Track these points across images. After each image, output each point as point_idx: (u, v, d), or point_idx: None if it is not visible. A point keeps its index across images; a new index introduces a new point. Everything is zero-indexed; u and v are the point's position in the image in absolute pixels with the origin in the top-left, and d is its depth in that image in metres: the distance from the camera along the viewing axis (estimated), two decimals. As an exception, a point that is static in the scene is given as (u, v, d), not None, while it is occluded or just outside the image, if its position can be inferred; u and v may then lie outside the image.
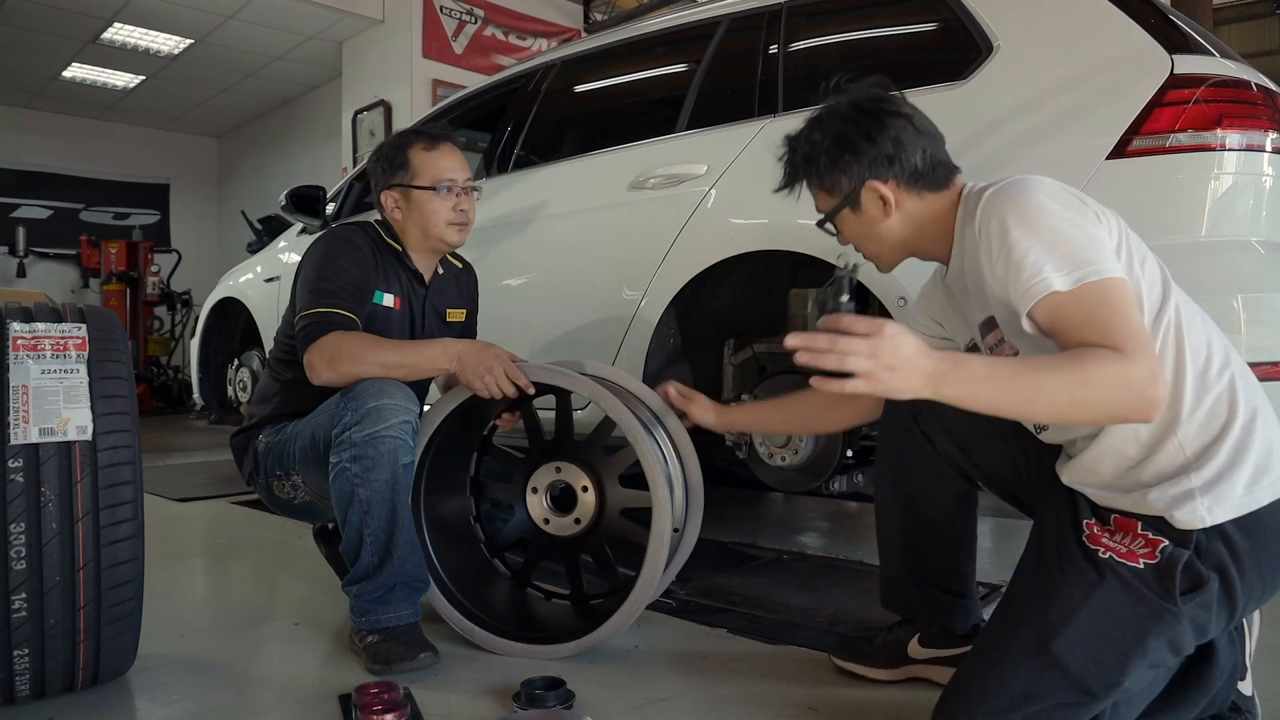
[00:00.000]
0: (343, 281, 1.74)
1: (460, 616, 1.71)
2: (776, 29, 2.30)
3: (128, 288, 8.19)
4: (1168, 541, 1.08)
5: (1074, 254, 1.07)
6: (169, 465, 4.50)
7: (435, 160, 1.84)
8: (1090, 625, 1.09)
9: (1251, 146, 1.68)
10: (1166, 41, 1.76)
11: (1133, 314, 1.06)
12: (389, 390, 1.59)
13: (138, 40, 7.02)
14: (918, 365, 1.01)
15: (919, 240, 1.32)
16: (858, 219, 1.32)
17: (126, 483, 1.31)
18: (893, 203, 1.28)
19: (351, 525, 1.59)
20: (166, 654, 1.67)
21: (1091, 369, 1.01)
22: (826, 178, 1.31)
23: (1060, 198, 1.13)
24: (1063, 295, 1.06)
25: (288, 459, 1.77)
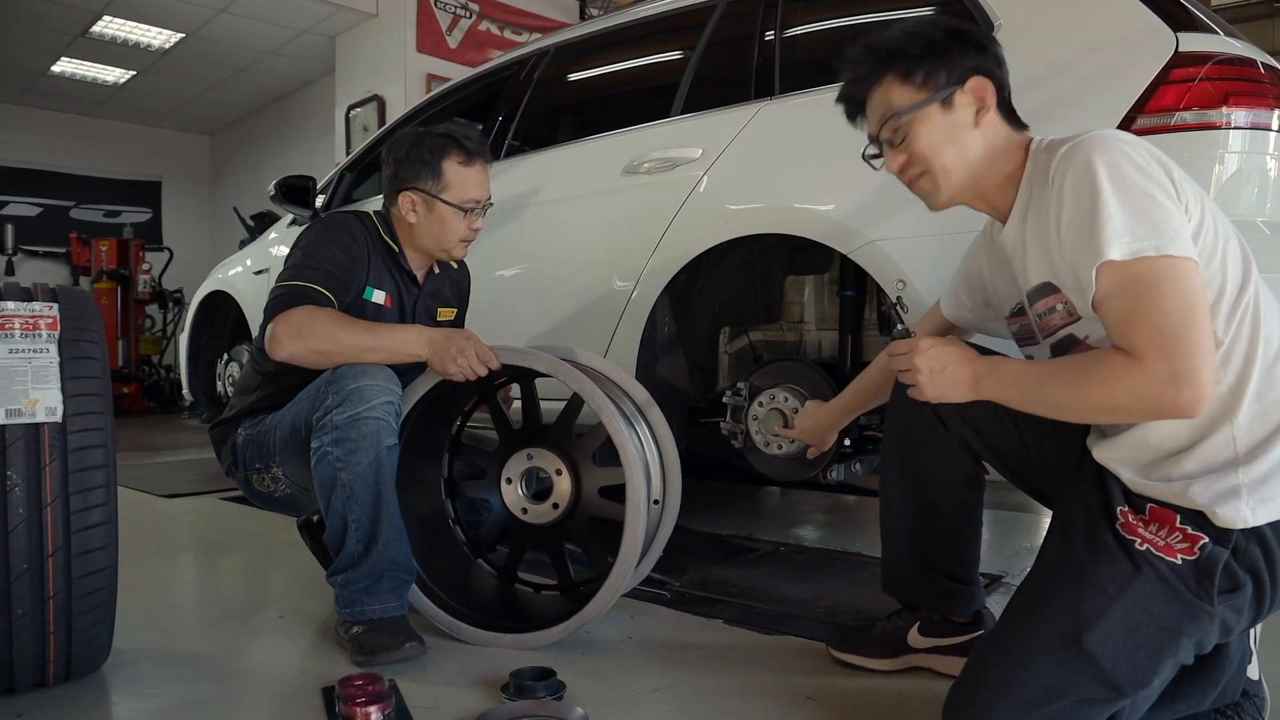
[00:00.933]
0: (328, 262, 1.68)
1: (444, 614, 1.66)
2: (773, 11, 2.26)
3: (119, 286, 8.12)
4: (1207, 539, 1.03)
5: (1136, 225, 1.01)
6: (157, 463, 4.44)
7: (470, 178, 1.78)
8: (1125, 620, 1.04)
9: (1257, 125, 1.64)
10: (1171, 19, 1.72)
11: (1175, 304, 0.98)
12: (370, 371, 1.54)
13: (128, 34, 6.95)
14: (956, 372, 1.15)
15: (987, 175, 1.21)
16: (944, 120, 1.19)
17: (98, 466, 1.26)
18: (990, 109, 1.19)
19: (335, 512, 1.54)
20: (145, 648, 1.62)
21: (1099, 379, 1.03)
22: (926, 63, 1.18)
23: (1142, 163, 1.05)
24: (1115, 266, 1.01)
25: (268, 451, 1.72)
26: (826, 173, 1.97)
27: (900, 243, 1.82)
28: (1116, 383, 1.00)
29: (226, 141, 9.89)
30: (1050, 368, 1.13)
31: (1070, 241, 1.07)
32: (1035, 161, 1.18)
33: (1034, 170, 1.17)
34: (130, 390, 7.85)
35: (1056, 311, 1.16)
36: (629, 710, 1.34)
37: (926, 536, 1.45)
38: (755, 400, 2.05)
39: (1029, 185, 1.18)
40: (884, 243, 1.84)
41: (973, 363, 1.15)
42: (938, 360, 1.15)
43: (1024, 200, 1.19)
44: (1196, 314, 0.99)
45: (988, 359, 1.16)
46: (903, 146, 1.22)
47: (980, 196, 1.24)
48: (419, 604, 1.67)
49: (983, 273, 1.38)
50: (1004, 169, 1.21)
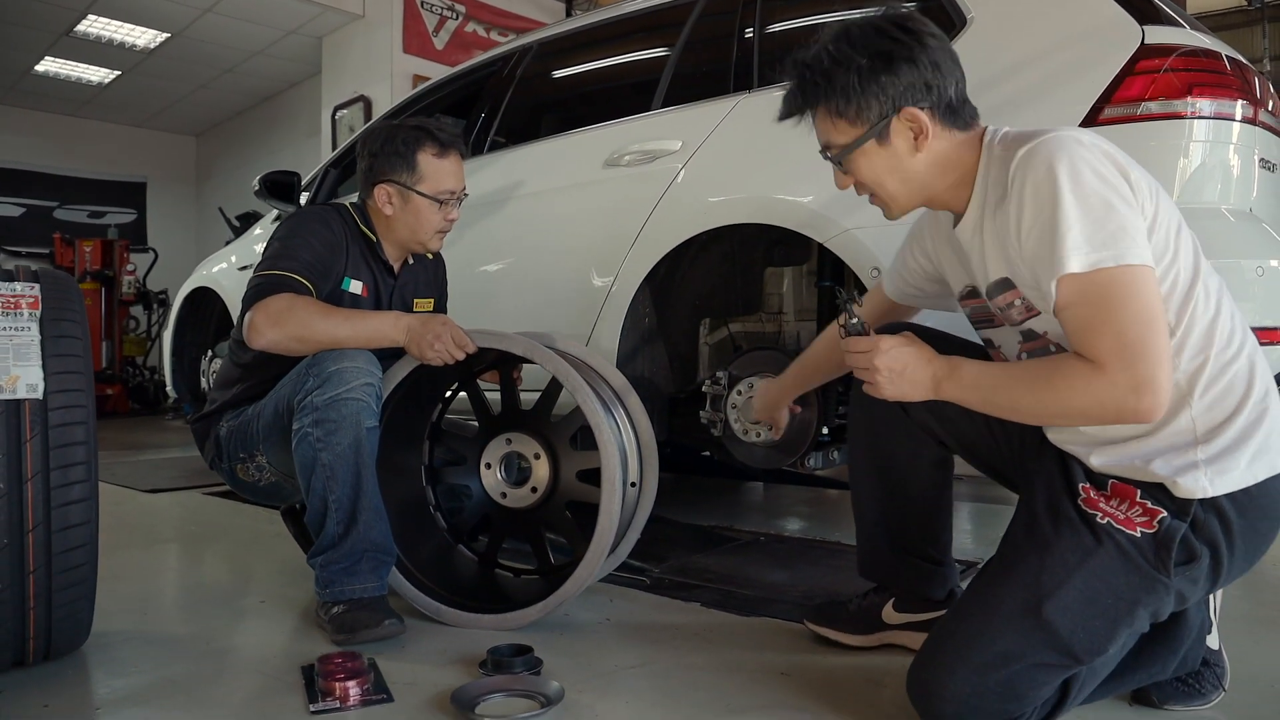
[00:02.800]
0: (305, 252, 1.70)
1: (425, 597, 1.68)
2: (752, 6, 2.29)
3: (103, 287, 8.08)
4: (1166, 513, 1.07)
5: (1095, 235, 1.01)
6: (141, 460, 4.43)
7: (444, 170, 1.79)
8: (1083, 590, 1.07)
9: (1221, 115, 1.68)
10: (1137, 12, 1.76)
11: (1135, 312, 1.00)
12: (350, 354, 1.56)
13: (112, 33, 6.94)
14: (915, 373, 1.15)
15: (940, 184, 1.20)
16: (882, 154, 1.18)
17: (79, 443, 1.27)
18: (927, 135, 1.15)
19: (315, 493, 1.55)
20: (126, 630, 1.63)
21: (1061, 389, 1.04)
22: (855, 101, 1.14)
23: (1100, 168, 1.04)
24: (1075, 278, 1.02)
25: (251, 439, 1.73)
26: (803, 164, 1.98)
27: (874, 231, 1.85)
28: (1079, 390, 1.02)
29: (212, 142, 9.87)
30: (1011, 372, 1.13)
31: (1030, 248, 1.07)
32: (990, 157, 1.16)
33: (990, 167, 1.16)
34: (114, 391, 7.81)
35: (1015, 306, 1.17)
36: (605, 686, 1.36)
37: (898, 519, 1.47)
38: (734, 389, 2.08)
39: (985, 183, 1.17)
40: (859, 231, 1.87)
41: (932, 363, 1.15)
42: (898, 361, 1.14)
43: (980, 198, 1.18)
44: (1155, 322, 1.01)
45: (948, 360, 1.15)
46: (847, 174, 1.23)
47: (933, 202, 1.24)
48: (399, 587, 1.69)
49: (931, 254, 1.37)
50: (955, 174, 1.19)
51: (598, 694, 1.32)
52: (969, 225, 1.21)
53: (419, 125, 1.83)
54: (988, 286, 1.21)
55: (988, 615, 1.10)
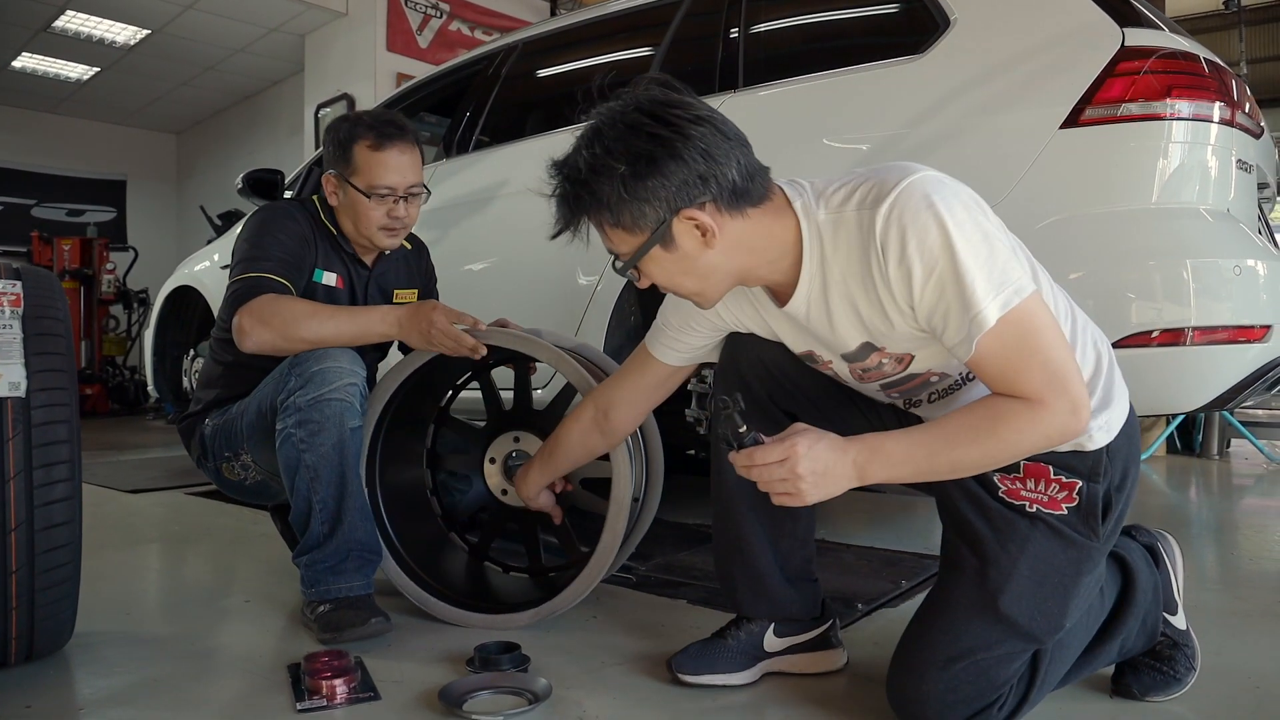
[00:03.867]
0: (277, 250, 1.68)
1: (416, 588, 1.68)
2: (737, 6, 2.30)
3: (82, 286, 8.00)
4: (1081, 481, 1.10)
5: (991, 275, 0.98)
6: (122, 460, 4.39)
7: (379, 163, 1.70)
8: (1031, 577, 1.10)
9: (1199, 117, 1.71)
10: (1117, 15, 1.79)
11: (1049, 339, 0.99)
12: (333, 354, 1.55)
13: (91, 29, 6.88)
14: (838, 468, 1.03)
15: (749, 267, 1.11)
16: (671, 257, 1.07)
17: (62, 441, 1.26)
18: (714, 231, 1.05)
19: (299, 494, 1.55)
20: (110, 630, 1.62)
21: (1007, 435, 1.00)
22: (625, 212, 1.04)
23: (970, 204, 1.01)
24: (993, 330, 0.97)
25: (236, 438, 1.72)
26: (788, 162, 2.01)
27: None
28: (1027, 431, 1.00)
29: (193, 140, 9.79)
30: (940, 434, 1.04)
31: (928, 309, 1.01)
32: (814, 225, 1.08)
33: (819, 234, 1.08)
34: (94, 391, 7.74)
35: (885, 365, 1.14)
36: (593, 681, 1.36)
37: (788, 544, 1.37)
38: (720, 387, 2.09)
39: (818, 251, 1.08)
40: (844, 230, 1.88)
41: (847, 451, 1.03)
42: (818, 462, 1.02)
43: (814, 268, 1.09)
44: (1063, 341, 1.01)
45: (862, 442, 1.04)
46: (640, 278, 1.13)
47: (747, 282, 1.15)
48: (392, 575, 1.67)
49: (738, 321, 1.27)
50: (768, 251, 1.10)
51: (585, 690, 1.33)
52: (805, 299, 1.12)
53: (359, 115, 1.77)
54: (845, 355, 1.16)
55: (948, 619, 1.13)
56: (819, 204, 1.08)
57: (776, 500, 1.05)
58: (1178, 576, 1.33)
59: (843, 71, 2.06)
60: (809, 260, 1.09)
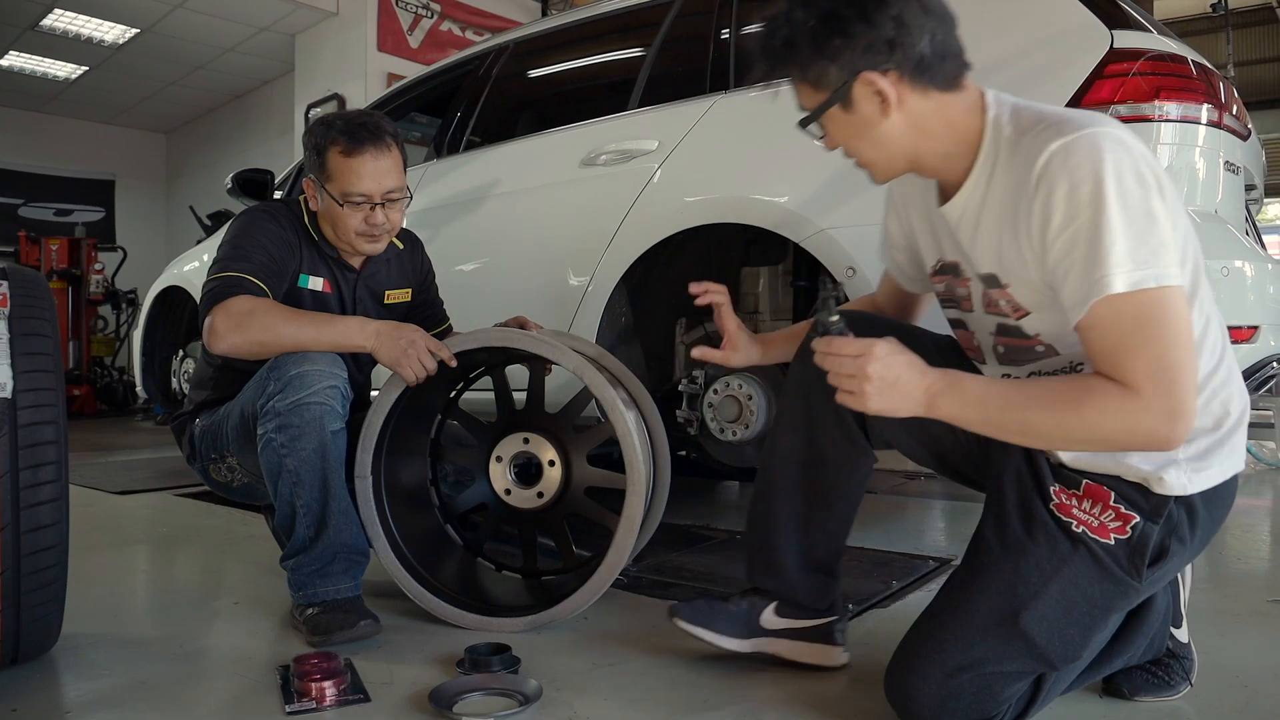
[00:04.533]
0: (258, 252, 1.64)
1: (410, 578, 1.65)
2: (729, 7, 2.30)
3: (70, 286, 7.95)
4: (1139, 517, 1.06)
5: (1137, 251, 0.94)
6: (110, 462, 4.36)
7: (351, 169, 1.63)
8: (1060, 600, 1.06)
9: (1187, 118, 1.72)
10: (1106, 17, 1.80)
11: (1173, 336, 0.95)
12: (312, 357, 1.53)
13: (79, 28, 6.84)
14: (908, 385, 1.03)
15: (925, 150, 1.10)
16: (849, 119, 1.09)
17: (49, 442, 1.25)
18: (893, 100, 1.05)
19: (283, 498, 1.54)
20: (97, 632, 1.60)
21: (1089, 413, 0.97)
22: (811, 68, 1.07)
23: (1146, 175, 0.97)
24: (1114, 299, 0.95)
25: (221, 441, 1.71)
26: (779, 164, 2.02)
27: (849, 231, 1.87)
28: (1110, 415, 0.96)
29: (183, 140, 9.75)
30: (1024, 391, 1.02)
31: (1064, 255, 0.99)
32: (998, 137, 1.07)
33: (1000, 149, 1.07)
34: (82, 392, 7.69)
35: (1003, 305, 1.13)
36: (583, 683, 1.36)
37: (816, 533, 1.36)
38: (710, 388, 2.09)
39: (991, 165, 1.08)
40: (834, 231, 1.89)
41: (925, 376, 1.03)
42: (891, 370, 1.02)
43: (984, 177, 1.08)
44: (1189, 347, 0.96)
45: (944, 373, 1.04)
46: (824, 138, 1.15)
47: (921, 169, 1.15)
48: (389, 567, 1.65)
49: (903, 221, 1.31)
50: (945, 142, 1.09)
51: (576, 691, 1.32)
52: (961, 204, 1.12)
53: (334, 118, 1.70)
54: (980, 276, 1.14)
55: (963, 622, 1.09)
56: (1010, 120, 1.07)
57: (839, 398, 1.05)
58: (1185, 590, 1.32)
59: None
60: (980, 168, 1.08)
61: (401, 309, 1.93)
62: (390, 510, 1.71)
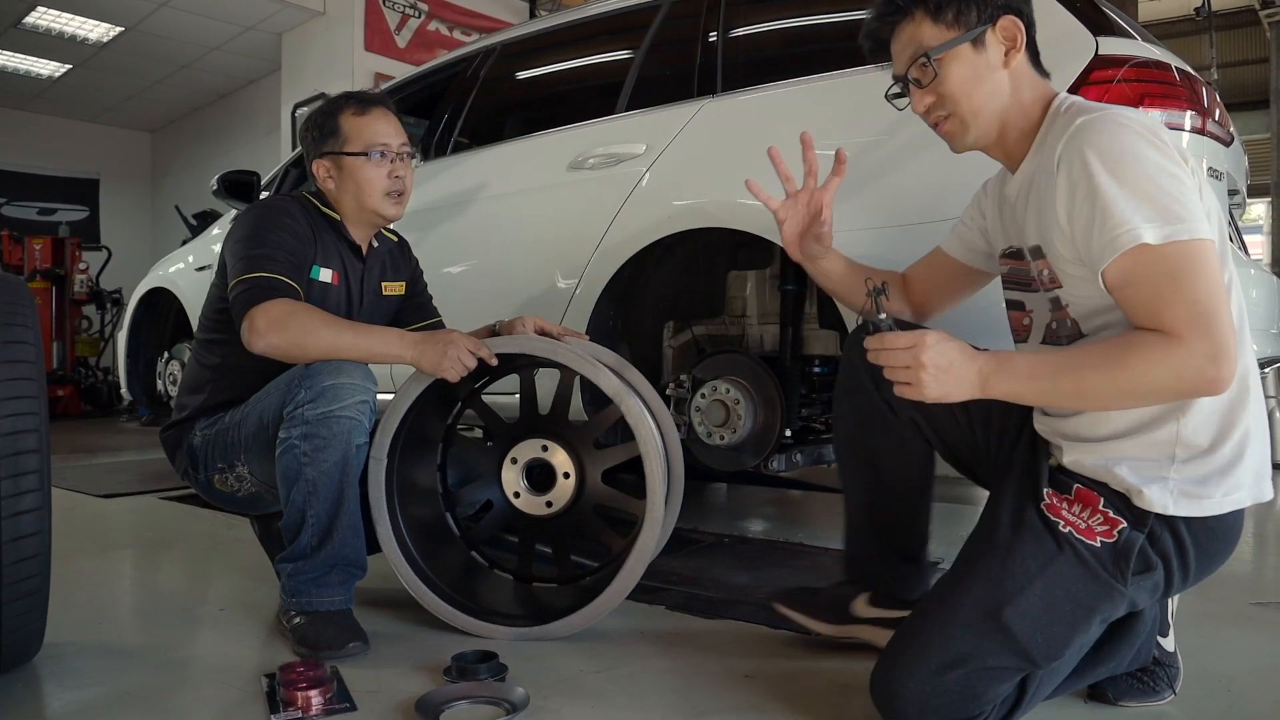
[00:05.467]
0: (282, 249, 1.63)
1: (413, 574, 1.64)
2: (716, 10, 2.30)
3: (54, 286, 7.89)
4: (1125, 524, 1.09)
5: (1167, 207, 1.00)
6: (94, 464, 4.33)
7: (368, 125, 1.73)
8: (1043, 597, 1.08)
9: (1171, 125, 1.72)
10: (1091, 24, 1.80)
11: (1206, 283, 0.99)
12: (346, 369, 1.52)
13: (63, 26, 6.78)
14: (962, 369, 1.07)
15: (1012, 121, 1.20)
16: (974, 59, 1.18)
17: (31, 451, 1.24)
18: (1020, 49, 1.18)
19: (294, 504, 1.53)
20: (80, 641, 1.59)
21: (1136, 363, 1.00)
22: (953, 6, 1.17)
23: (1158, 142, 1.04)
24: (1148, 250, 1.00)
25: (232, 449, 1.66)
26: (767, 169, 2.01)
27: (840, 237, 1.86)
28: (1157, 362, 1.00)
29: (168, 139, 9.68)
30: (1072, 356, 1.07)
31: (1084, 224, 1.06)
32: (1053, 121, 1.17)
33: (1049, 130, 1.16)
34: (66, 393, 7.63)
35: (1044, 275, 1.19)
36: (571, 691, 1.36)
37: (884, 516, 1.46)
38: (698, 392, 2.09)
39: (1041, 145, 1.17)
40: (822, 236, 1.88)
41: (976, 359, 1.08)
42: (944, 357, 1.06)
43: (1034, 158, 1.19)
44: (1223, 294, 1.01)
45: (992, 354, 1.09)
46: (932, 86, 1.21)
47: (999, 144, 1.23)
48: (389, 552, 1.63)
49: (985, 215, 1.38)
50: (1027, 118, 1.20)
51: (564, 699, 1.32)
52: (1019, 182, 1.22)
53: (338, 95, 1.81)
54: (1029, 249, 1.21)
55: (947, 618, 1.11)
56: (1065, 112, 1.16)
57: (897, 390, 1.09)
58: (1173, 600, 1.33)
59: (820, 77, 2.06)
60: (1035, 146, 1.18)
61: (396, 301, 1.95)
62: (398, 495, 1.69)
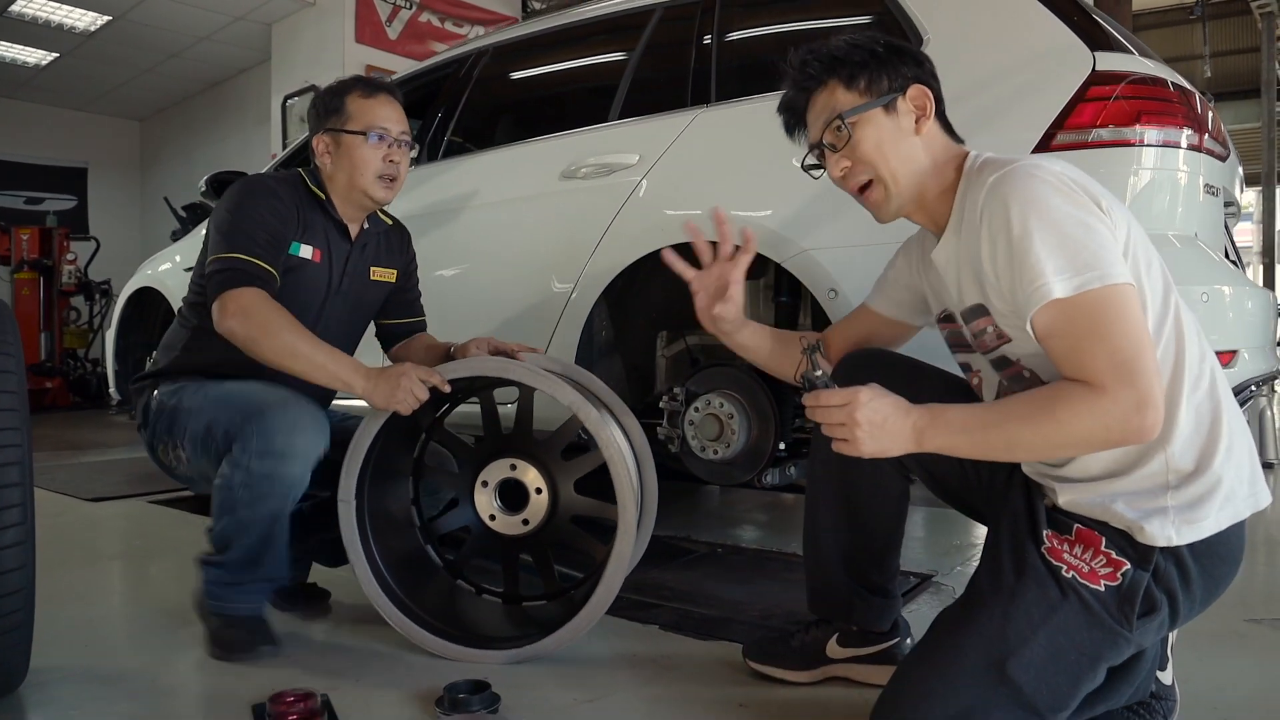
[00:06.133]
0: (259, 229, 1.64)
1: (396, 611, 1.63)
2: (710, 18, 2.28)
3: (41, 276, 7.82)
4: (1129, 564, 1.07)
5: (1076, 255, 1.01)
6: (82, 463, 4.30)
7: (371, 108, 1.76)
8: (1048, 647, 1.06)
9: (1168, 143, 1.72)
10: (1089, 39, 1.79)
11: (1125, 330, 1.00)
12: (303, 422, 1.52)
13: (50, 15, 6.70)
14: (896, 424, 1.08)
15: (930, 184, 1.21)
16: (887, 124, 1.20)
17: (14, 484, 1.22)
18: (929, 116, 1.21)
19: (222, 532, 1.57)
20: (67, 666, 1.57)
21: (1064, 416, 1.01)
22: (870, 71, 1.20)
23: (1067, 191, 1.06)
24: (1061, 303, 1.01)
25: (177, 430, 1.68)
26: (761, 181, 2.00)
27: (832, 252, 1.86)
28: (1083, 414, 1.00)
29: (157, 127, 9.59)
30: (1003, 409, 1.08)
31: (1006, 278, 1.07)
32: (968, 181, 1.18)
33: (967, 190, 1.17)
34: (54, 385, 7.59)
35: (988, 333, 1.17)
36: (563, 720, 1.35)
37: (856, 552, 1.45)
38: (692, 405, 2.08)
39: (961, 204, 1.18)
40: (816, 252, 1.87)
41: (910, 413, 1.09)
42: (878, 414, 1.07)
43: (957, 219, 1.19)
44: (1145, 339, 1.01)
45: (926, 408, 1.10)
46: (846, 150, 1.22)
47: (922, 207, 1.24)
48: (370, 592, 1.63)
49: (915, 270, 1.38)
50: (943, 180, 1.22)
51: (555, 730, 1.32)
52: (947, 244, 1.22)
53: (348, 77, 1.84)
54: (962, 311, 1.22)
55: (950, 667, 1.09)
56: (977, 170, 1.17)
57: (835, 447, 1.11)
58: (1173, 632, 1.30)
59: (816, 88, 2.04)
60: (955, 208, 1.20)
61: (385, 288, 1.93)
62: (372, 532, 1.69)
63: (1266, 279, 12.64)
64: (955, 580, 2.11)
